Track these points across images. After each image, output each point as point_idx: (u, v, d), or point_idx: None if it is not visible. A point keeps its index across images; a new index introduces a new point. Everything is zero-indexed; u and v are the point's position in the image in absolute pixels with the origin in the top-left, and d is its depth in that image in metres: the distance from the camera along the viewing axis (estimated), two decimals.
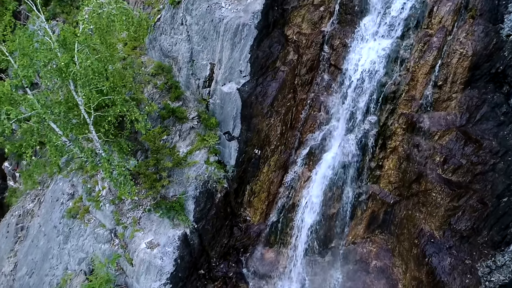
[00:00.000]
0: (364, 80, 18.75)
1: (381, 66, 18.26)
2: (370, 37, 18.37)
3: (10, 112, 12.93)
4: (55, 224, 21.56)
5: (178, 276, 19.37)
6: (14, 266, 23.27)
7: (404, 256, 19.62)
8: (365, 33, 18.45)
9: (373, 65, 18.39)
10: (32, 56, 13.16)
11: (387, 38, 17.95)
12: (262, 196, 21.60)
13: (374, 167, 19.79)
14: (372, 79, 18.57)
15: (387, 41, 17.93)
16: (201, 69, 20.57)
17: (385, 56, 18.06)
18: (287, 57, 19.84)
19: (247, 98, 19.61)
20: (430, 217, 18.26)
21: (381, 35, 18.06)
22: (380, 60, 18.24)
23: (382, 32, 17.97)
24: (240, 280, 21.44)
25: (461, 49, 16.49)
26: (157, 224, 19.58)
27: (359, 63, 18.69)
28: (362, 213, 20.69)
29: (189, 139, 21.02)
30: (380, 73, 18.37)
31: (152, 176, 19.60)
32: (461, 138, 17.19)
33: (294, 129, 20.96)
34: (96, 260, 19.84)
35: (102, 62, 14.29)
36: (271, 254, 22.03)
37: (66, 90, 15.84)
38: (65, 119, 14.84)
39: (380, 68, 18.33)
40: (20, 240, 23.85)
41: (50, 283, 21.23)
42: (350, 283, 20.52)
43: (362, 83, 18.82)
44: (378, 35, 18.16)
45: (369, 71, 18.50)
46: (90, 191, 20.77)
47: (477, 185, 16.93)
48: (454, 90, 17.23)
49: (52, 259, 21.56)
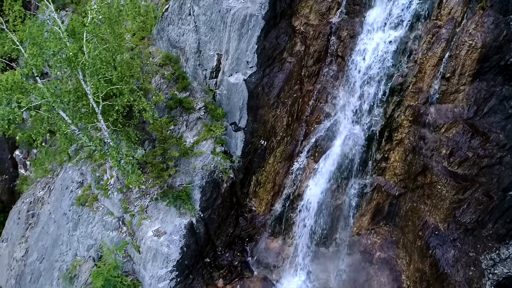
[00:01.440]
0: (371, 72, 18.67)
1: (388, 57, 18.16)
2: (378, 28, 18.23)
3: (21, 100, 13.22)
4: (65, 212, 22.03)
5: (184, 263, 19.74)
6: (25, 251, 23.88)
7: (408, 248, 19.70)
8: (373, 25, 18.31)
9: (381, 56, 18.30)
10: (42, 46, 13.38)
11: (395, 29, 17.81)
12: (268, 186, 21.78)
13: (379, 159, 19.81)
14: (379, 71, 18.49)
15: (395, 33, 17.79)
16: (208, 59, 20.65)
17: (392, 48, 17.95)
18: (294, 48, 19.81)
19: (253, 89, 19.68)
20: (435, 210, 18.27)
21: (389, 27, 17.91)
22: (388, 51, 18.13)
23: (390, 24, 17.82)
24: (245, 269, 21.76)
25: (470, 41, 16.30)
26: (164, 213, 19.90)
27: (366, 54, 18.60)
28: (367, 205, 20.78)
29: (195, 129, 21.20)
30: (387, 65, 18.28)
31: (159, 166, 19.87)
32: (468, 131, 17.08)
33: (301, 120, 21.00)
34: (104, 247, 20.29)
35: (110, 52, 14.46)
36: (276, 244, 22.27)
37: (75, 79, 16.07)
38: (74, 108, 15.10)
39: (387, 60, 18.23)
40: (31, 227, 24.42)
41: (60, 269, 21.77)
42: (353, 274, 20.70)
43: (369, 75, 18.74)
44: (386, 27, 18.02)
45: (376, 62, 18.41)
46: (98, 179, 21.14)
47: (483, 178, 16.85)
48: (462, 83, 17.07)
49: (62, 246, 22.07)
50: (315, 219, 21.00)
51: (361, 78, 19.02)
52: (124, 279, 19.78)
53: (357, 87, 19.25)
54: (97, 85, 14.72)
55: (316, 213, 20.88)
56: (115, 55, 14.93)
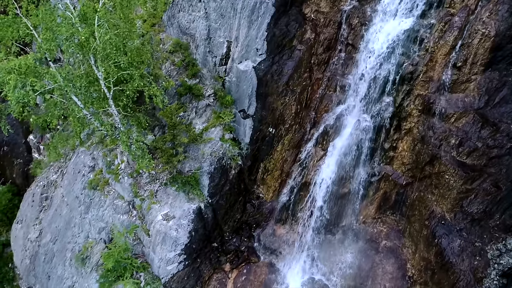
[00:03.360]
0: (382, 60, 18.52)
1: (399, 46, 17.97)
2: (389, 16, 18.01)
3: (35, 84, 13.54)
4: (77, 195, 22.56)
5: (192, 247, 20.17)
6: (39, 233, 24.60)
7: (414, 237, 19.77)
8: (385, 12, 18.09)
9: (392, 44, 18.11)
10: (55, 30, 13.63)
11: (407, 17, 17.58)
12: (275, 174, 21.97)
13: (388, 148, 19.78)
14: (390, 59, 18.33)
15: (407, 20, 17.57)
16: (218, 46, 20.70)
17: (404, 36, 17.75)
18: (304, 35, 19.71)
19: (262, 77, 19.72)
20: (442, 199, 18.26)
21: (401, 14, 17.68)
22: (399, 39, 17.93)
23: (402, 11, 17.58)
24: (251, 254, 22.12)
25: (483, 29, 16.03)
26: (173, 198, 20.27)
27: (377, 42, 18.43)
28: (374, 194, 20.83)
29: (205, 116, 21.40)
30: (398, 53, 18.11)
31: (169, 151, 20.18)
32: (478, 121, 16.93)
33: (309, 108, 21.00)
34: (115, 229, 20.80)
35: (120, 37, 14.64)
36: (283, 230, 22.55)
37: (87, 64, 16.33)
38: (86, 93, 15.39)
39: (398, 48, 18.05)
40: (44, 209, 25.08)
41: (73, 250, 22.41)
42: (359, 261, 20.90)
43: (379, 63, 18.59)
44: (398, 14, 17.80)
45: (387, 51, 18.24)
46: (109, 164, 21.56)
47: (492, 168, 16.74)
48: (474, 72, 16.85)
49: (74, 228, 22.67)
50: (321, 207, 21.15)
51: (371, 66, 18.88)
52: (134, 261, 20.33)
53: (367, 75, 19.13)
54: (108, 70, 14.96)
55: (323, 201, 21.02)
56: (126, 40, 15.12)
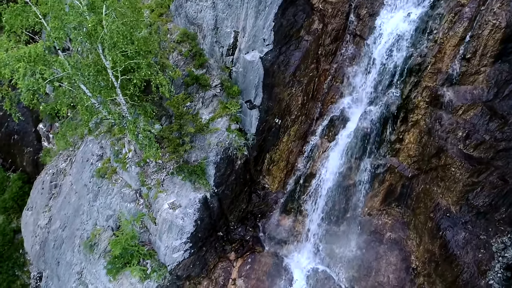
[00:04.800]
0: (390, 52, 18.38)
1: (408, 37, 17.81)
2: (398, 6, 17.83)
3: (44, 72, 13.74)
4: (85, 183, 22.93)
5: (198, 236, 20.44)
6: (48, 219, 25.10)
7: (419, 229, 19.78)
8: (394, 2, 17.90)
9: (400, 36, 17.95)
10: (63, 19, 13.78)
11: (416, 7, 17.38)
12: (281, 164, 22.05)
13: (394, 140, 19.71)
14: (398, 51, 18.19)
15: (416, 11, 17.37)
16: (225, 36, 20.70)
17: (413, 27, 17.56)
18: (311, 26, 19.61)
19: (269, 67, 19.71)
20: (447, 192, 18.20)
21: (411, 4, 17.49)
22: (408, 30, 17.76)
23: (411, 1, 17.39)
24: (256, 244, 22.35)
25: (494, 20, 15.79)
26: (179, 187, 20.50)
27: (385, 33, 18.28)
28: (380, 186, 20.83)
29: (211, 106, 21.50)
30: (406, 45, 17.95)
31: (176, 141, 20.36)
32: (486, 114, 16.77)
33: (316, 99, 20.99)
34: (122, 217, 21.13)
35: (127, 26, 14.74)
36: (287, 221, 22.70)
37: (95, 53, 16.48)
38: (94, 82, 15.57)
39: (407, 39, 17.89)
40: (54, 197, 25.55)
41: (81, 237, 22.84)
42: (362, 252, 21.00)
43: (387, 54, 18.46)
44: (408, 4, 17.60)
45: (395, 42, 18.08)
46: (117, 153, 21.83)
47: (499, 161, 16.62)
48: (483, 64, 16.64)
49: (82, 215, 23.08)
50: (326, 198, 21.25)
51: (379, 58, 18.75)
52: (140, 249, 20.66)
53: (374, 67, 19.01)
54: (116, 59, 15.09)
55: (328, 192, 21.10)
56: (133, 29, 15.21)
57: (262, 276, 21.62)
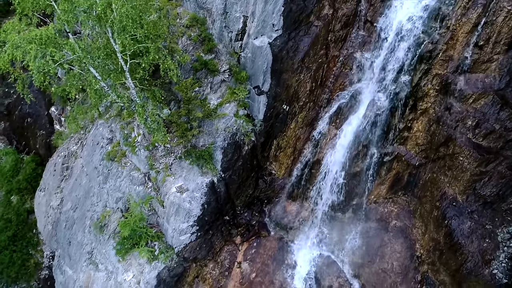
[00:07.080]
0: (400, 38, 18.13)
1: (419, 23, 17.51)
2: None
3: (54, 54, 13.96)
4: (96, 166, 23.36)
5: (205, 219, 20.77)
6: (60, 201, 25.72)
7: (424, 218, 19.77)
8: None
9: (411, 22, 17.67)
10: (73, 2, 13.90)
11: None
12: (288, 151, 22.12)
13: (402, 128, 19.57)
14: (409, 37, 17.92)
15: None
16: (234, 21, 20.59)
17: (425, 13, 17.24)
18: (321, 11, 19.36)
19: (278, 53, 19.61)
20: (454, 181, 18.10)
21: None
22: (420, 17, 17.46)
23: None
24: (262, 229, 22.64)
25: (509, 6, 15.42)
26: (187, 171, 20.77)
27: (396, 20, 18.00)
28: (386, 174, 20.79)
29: (220, 91, 21.55)
30: (418, 31, 17.66)
31: (184, 126, 20.54)
32: (497, 102, 16.51)
33: (324, 86, 20.85)
34: (131, 200, 21.55)
35: (137, 10, 14.79)
36: (293, 207, 22.88)
37: (105, 38, 16.61)
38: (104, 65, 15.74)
39: (418, 26, 17.60)
40: (65, 178, 26.12)
41: (92, 218, 23.40)
42: (367, 240, 21.12)
43: (397, 41, 18.22)
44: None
45: (407, 28, 17.81)
46: (127, 136, 22.12)
47: (508, 151, 16.43)
48: (496, 51, 16.32)
49: (93, 197, 23.59)
50: (333, 185, 21.30)
51: (389, 44, 18.52)
52: (149, 230, 21.11)
53: (384, 54, 18.79)
54: (125, 42, 15.21)
55: (335, 179, 21.14)
56: (142, 13, 15.26)
57: (267, 260, 21.95)
